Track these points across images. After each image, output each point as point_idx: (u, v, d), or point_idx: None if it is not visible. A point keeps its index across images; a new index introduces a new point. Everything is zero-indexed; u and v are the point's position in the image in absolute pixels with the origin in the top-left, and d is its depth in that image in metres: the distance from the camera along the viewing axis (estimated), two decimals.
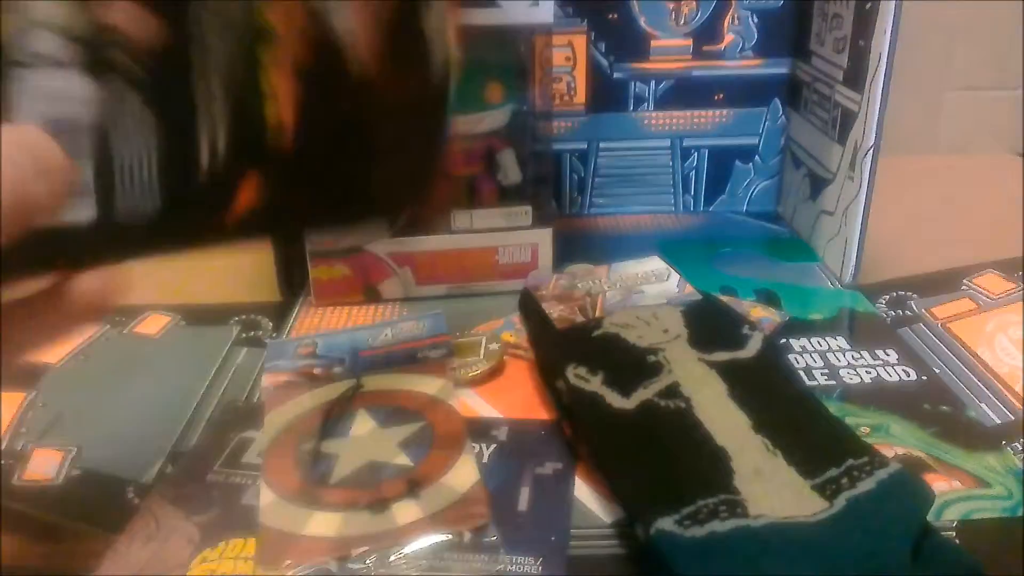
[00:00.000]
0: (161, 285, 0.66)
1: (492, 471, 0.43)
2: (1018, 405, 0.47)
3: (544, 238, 0.62)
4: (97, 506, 0.43)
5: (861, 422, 0.46)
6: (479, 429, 0.46)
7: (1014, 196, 0.77)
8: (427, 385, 0.50)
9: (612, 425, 0.42)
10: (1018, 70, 0.90)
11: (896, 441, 0.44)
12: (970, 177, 0.85)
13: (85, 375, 0.54)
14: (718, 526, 0.34)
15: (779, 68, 0.72)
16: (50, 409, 0.51)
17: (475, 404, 0.49)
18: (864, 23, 0.59)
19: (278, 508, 0.41)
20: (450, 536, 0.39)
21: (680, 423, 0.41)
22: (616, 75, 0.72)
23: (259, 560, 0.38)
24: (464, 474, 0.43)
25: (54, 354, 0.56)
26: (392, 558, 0.38)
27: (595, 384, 0.44)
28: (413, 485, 0.42)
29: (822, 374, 0.51)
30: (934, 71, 0.88)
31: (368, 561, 0.38)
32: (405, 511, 0.40)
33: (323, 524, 0.40)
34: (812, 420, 0.41)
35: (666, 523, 0.34)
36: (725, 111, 0.73)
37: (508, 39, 0.59)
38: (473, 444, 0.45)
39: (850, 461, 0.37)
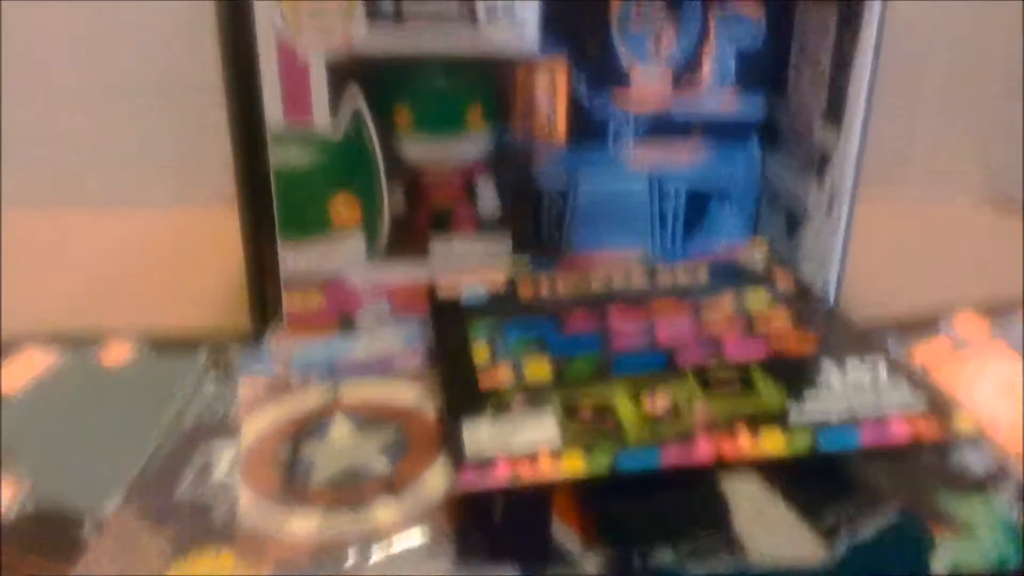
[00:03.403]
0: (127, 310, 0.64)
1: None
2: (1001, 451, 0.47)
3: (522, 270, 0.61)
4: (51, 540, 0.41)
5: None
6: None
7: (985, 239, 0.78)
8: (404, 393, 0.51)
9: None
10: (989, 114, 0.91)
11: (882, 490, 0.44)
12: (942, 221, 0.86)
13: (42, 405, 0.52)
14: (718, 564, 0.33)
15: (756, 108, 0.72)
16: (5, 441, 0.48)
17: None
18: (843, 62, 0.59)
19: (257, 509, 0.42)
20: (429, 537, 0.40)
21: None
22: (595, 107, 0.71)
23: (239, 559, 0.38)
24: (440, 478, 0.44)
25: (11, 381, 0.54)
26: (372, 559, 0.39)
27: None
28: (392, 487, 0.43)
29: None
30: (907, 112, 0.89)
31: (348, 561, 0.38)
32: (384, 512, 0.42)
33: (303, 524, 0.41)
34: (813, 462, 0.41)
35: (666, 557, 0.34)
36: (703, 148, 0.73)
37: (491, 66, 0.59)
38: None
39: (851, 506, 0.36)
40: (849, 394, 0.44)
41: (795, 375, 0.46)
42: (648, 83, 0.71)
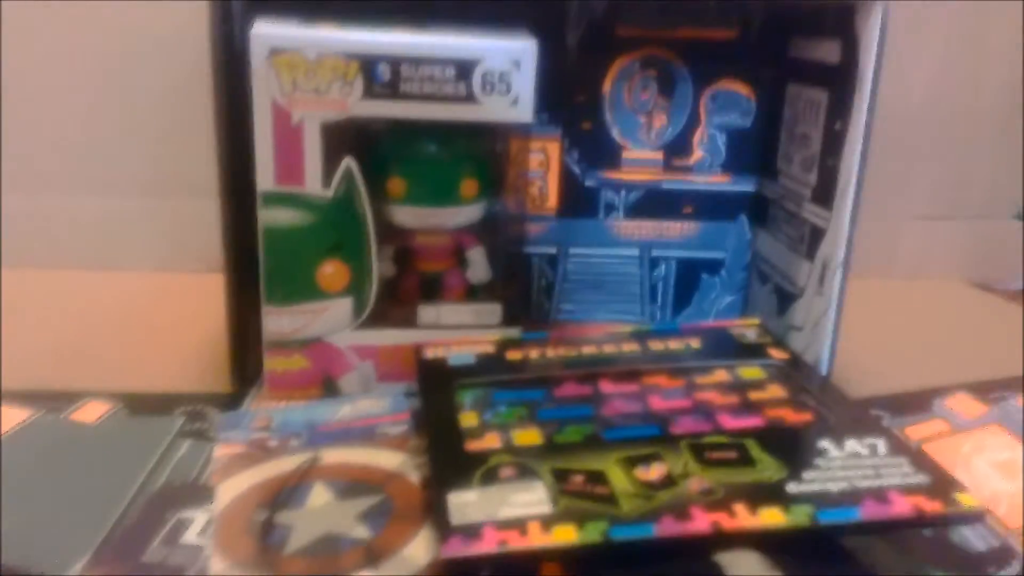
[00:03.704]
0: (104, 370, 0.63)
1: None
2: (1002, 530, 0.46)
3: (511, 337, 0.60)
4: None
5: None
6: None
7: (973, 321, 0.78)
8: (387, 459, 0.49)
9: None
10: (973, 199, 0.93)
11: (881, 568, 0.42)
12: (927, 301, 0.86)
13: (11, 462, 0.50)
14: None
15: (746, 185, 0.73)
16: None
17: None
18: (833, 143, 0.60)
19: (230, 574, 0.39)
20: None
21: None
22: (588, 183, 0.72)
23: None
24: (424, 547, 0.41)
25: None
26: None
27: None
28: (372, 556, 0.41)
29: None
30: (893, 196, 0.90)
31: None
32: None
33: None
34: (812, 536, 0.40)
35: None
36: (693, 223, 0.73)
37: (486, 136, 0.59)
38: None
39: None
40: (848, 468, 0.43)
41: (792, 448, 0.45)
42: (639, 162, 0.72)
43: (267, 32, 0.52)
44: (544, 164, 0.71)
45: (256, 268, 0.56)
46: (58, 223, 0.84)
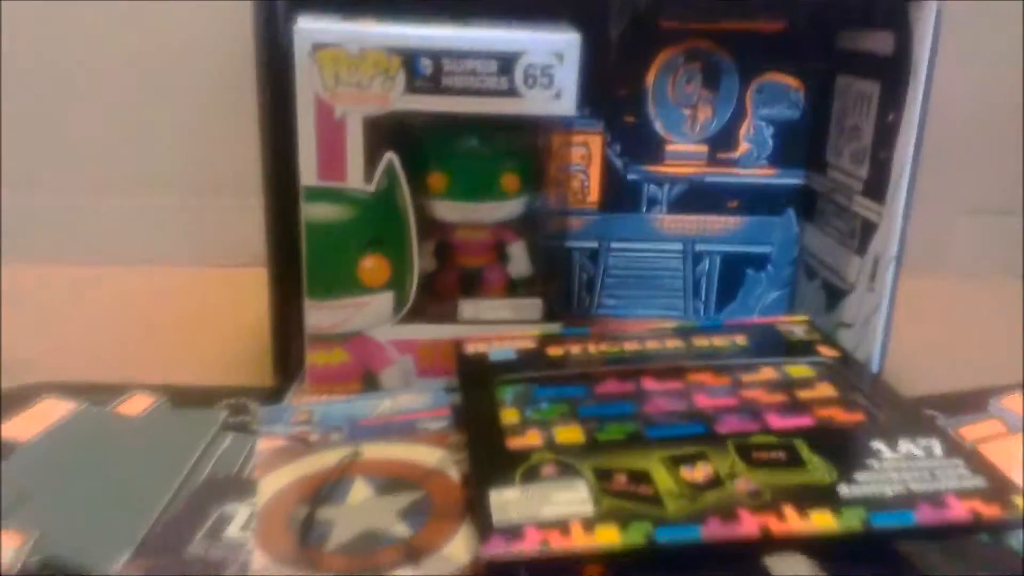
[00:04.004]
0: (149, 364, 0.63)
1: None
2: None
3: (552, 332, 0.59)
4: None
5: None
6: None
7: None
8: (427, 455, 0.49)
9: None
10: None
11: (936, 574, 0.41)
12: (980, 299, 0.83)
13: (57, 454, 0.51)
14: None
15: (794, 178, 0.71)
16: (14, 489, 0.47)
17: None
18: (885, 136, 0.58)
19: (270, 571, 0.39)
20: None
21: None
22: (630, 176, 0.71)
23: None
24: (464, 546, 0.41)
25: (24, 430, 0.53)
26: None
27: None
28: (411, 554, 0.41)
29: None
30: (943, 191, 0.88)
31: None
32: None
33: None
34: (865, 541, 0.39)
35: None
36: (738, 218, 0.72)
37: (528, 130, 0.59)
38: None
39: None
40: (902, 470, 0.41)
41: (843, 449, 0.44)
42: (683, 155, 0.71)
43: (310, 27, 0.52)
44: (586, 158, 0.70)
45: (298, 263, 0.56)
46: (103, 220, 0.85)
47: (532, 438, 0.46)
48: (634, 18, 0.67)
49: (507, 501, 0.40)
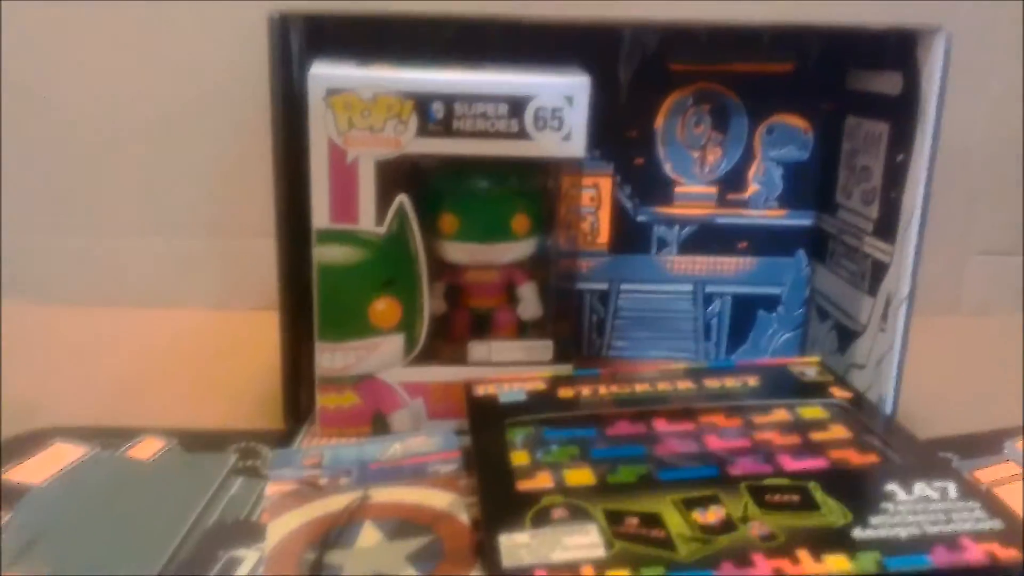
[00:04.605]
0: (160, 408, 0.63)
1: None
2: None
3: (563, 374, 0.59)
4: None
5: None
6: None
7: None
8: (437, 499, 0.49)
9: None
10: None
11: None
12: (994, 339, 0.83)
13: (68, 498, 0.51)
14: None
15: (804, 219, 0.71)
16: (26, 532, 0.47)
17: None
18: (895, 176, 0.58)
19: None
20: None
21: None
22: (640, 218, 0.71)
23: None
24: None
25: (36, 474, 0.53)
26: None
27: None
28: None
29: None
30: (955, 231, 0.88)
31: None
32: None
33: None
34: None
35: None
36: (749, 259, 0.72)
37: (538, 172, 0.59)
38: None
39: None
40: (918, 513, 0.41)
41: (858, 491, 0.43)
42: (693, 196, 0.71)
43: (325, 73, 0.53)
44: (596, 200, 0.71)
45: (308, 305, 0.56)
46: (116, 262, 0.86)
47: (543, 480, 0.46)
48: (643, 61, 0.68)
49: (517, 545, 0.40)
